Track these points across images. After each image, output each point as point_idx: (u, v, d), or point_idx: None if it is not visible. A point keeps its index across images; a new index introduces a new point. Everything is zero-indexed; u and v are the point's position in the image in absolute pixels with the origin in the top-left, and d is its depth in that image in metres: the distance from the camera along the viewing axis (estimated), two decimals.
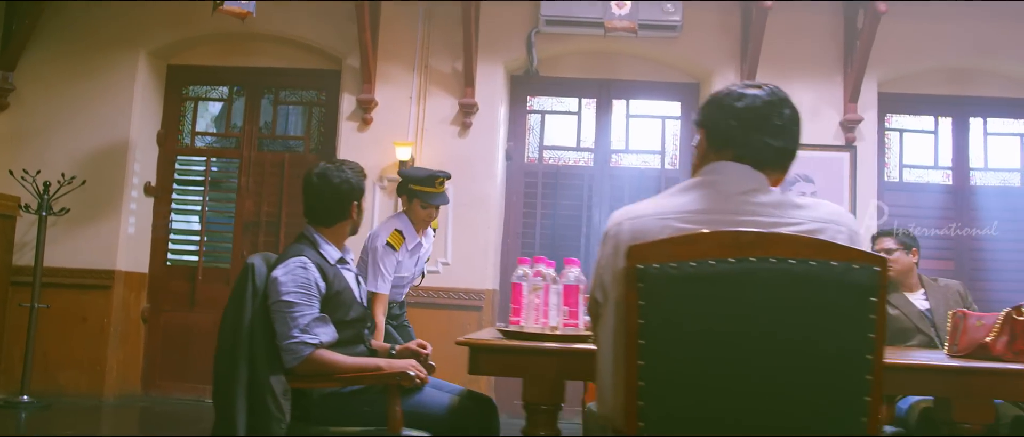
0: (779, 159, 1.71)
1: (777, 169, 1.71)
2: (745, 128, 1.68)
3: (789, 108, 1.71)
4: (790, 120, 1.71)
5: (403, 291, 4.10)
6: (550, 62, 6.27)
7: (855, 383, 1.44)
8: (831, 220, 1.60)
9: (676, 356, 1.48)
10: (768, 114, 1.68)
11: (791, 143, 1.72)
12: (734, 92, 1.72)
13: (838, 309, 1.44)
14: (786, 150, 1.71)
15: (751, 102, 1.69)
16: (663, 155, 6.31)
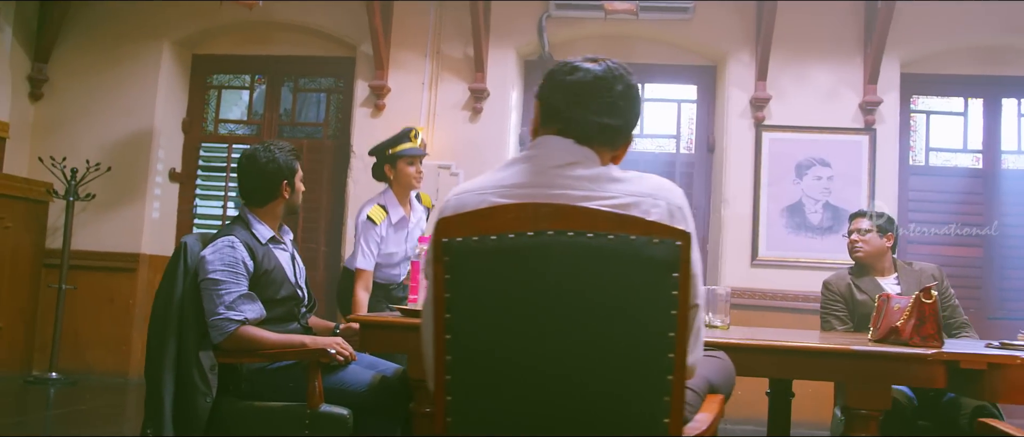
0: (606, 136, 1.67)
1: (607, 146, 1.68)
2: (570, 103, 1.66)
3: (623, 85, 1.67)
4: (622, 97, 1.67)
5: (398, 271, 4.05)
6: (564, 47, 6.23)
7: (657, 361, 1.40)
8: (648, 194, 1.56)
9: (480, 330, 1.47)
10: (597, 90, 1.65)
11: (621, 121, 1.68)
12: (567, 66, 1.70)
13: (637, 285, 1.40)
14: (613, 127, 1.67)
15: (582, 77, 1.66)
16: (678, 139, 6.21)
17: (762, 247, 5.71)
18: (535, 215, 1.42)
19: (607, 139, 1.67)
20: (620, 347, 1.41)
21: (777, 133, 5.78)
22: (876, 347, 2.04)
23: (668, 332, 1.39)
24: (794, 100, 5.80)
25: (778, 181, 5.75)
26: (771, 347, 2.07)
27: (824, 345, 2.05)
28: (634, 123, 1.72)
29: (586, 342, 1.42)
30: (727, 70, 5.91)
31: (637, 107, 1.71)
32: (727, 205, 5.78)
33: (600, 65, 1.67)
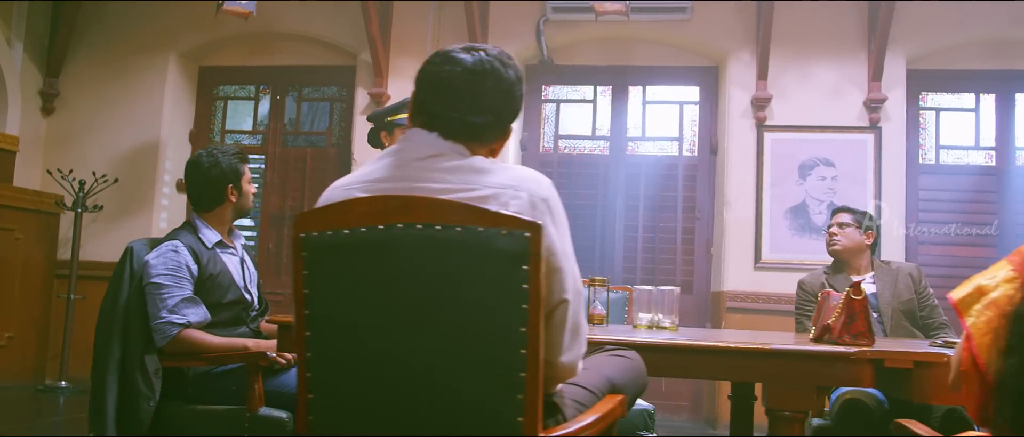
0: (473, 132, 1.62)
1: (475, 141, 1.63)
2: (436, 98, 1.61)
3: (494, 80, 1.62)
4: (491, 92, 1.62)
5: None
6: (564, 50, 6.20)
7: (509, 358, 1.36)
8: (509, 185, 1.52)
9: (337, 326, 1.45)
10: (464, 85, 1.60)
11: (489, 117, 1.63)
12: (439, 58, 1.65)
13: (486, 278, 1.36)
14: (479, 124, 1.62)
15: (450, 71, 1.61)
16: (681, 142, 6.12)
17: (765, 249, 5.60)
18: (385, 208, 1.39)
19: (474, 135, 1.62)
20: (471, 343, 1.37)
21: (779, 133, 5.67)
22: (797, 346, 1.96)
23: (519, 327, 1.35)
24: (796, 99, 5.68)
25: (781, 182, 5.63)
26: (688, 348, 2.00)
27: (743, 345, 1.97)
28: (507, 118, 1.66)
29: (438, 338, 1.38)
30: (728, 70, 5.82)
31: (511, 102, 1.65)
32: (729, 207, 5.68)
33: (473, 57, 1.62)
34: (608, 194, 6.08)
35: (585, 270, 5.85)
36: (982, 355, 1.44)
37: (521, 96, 1.69)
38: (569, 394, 1.68)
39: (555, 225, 1.53)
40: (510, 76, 1.64)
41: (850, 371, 1.90)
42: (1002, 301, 1.43)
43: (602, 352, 1.94)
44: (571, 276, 1.53)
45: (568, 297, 1.51)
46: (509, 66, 1.64)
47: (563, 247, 1.52)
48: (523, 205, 1.48)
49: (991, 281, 1.48)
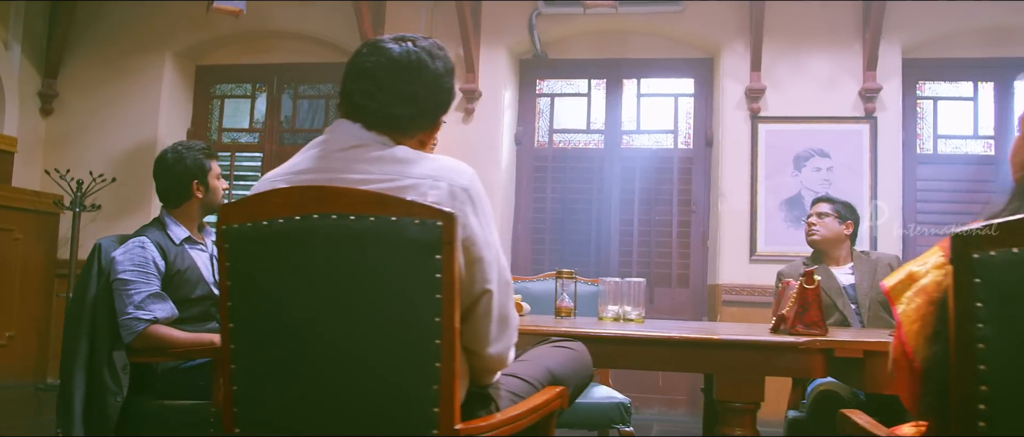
0: (396, 123, 1.61)
1: (399, 132, 1.61)
2: (360, 88, 1.60)
3: (419, 71, 1.61)
4: (416, 83, 1.61)
5: None
6: (558, 44, 6.19)
7: (424, 348, 1.35)
8: (429, 175, 1.50)
9: (259, 318, 1.44)
10: (388, 76, 1.59)
11: (413, 109, 1.61)
12: (366, 48, 1.64)
13: (400, 268, 1.36)
14: (402, 116, 1.60)
15: (375, 62, 1.61)
16: (676, 134, 6.09)
17: (760, 242, 5.56)
18: (301, 199, 1.38)
19: (397, 126, 1.61)
20: (386, 334, 1.36)
21: (774, 124, 5.63)
22: (746, 336, 1.93)
23: (433, 317, 1.34)
24: (791, 90, 5.64)
25: (776, 174, 5.59)
26: (634, 339, 1.98)
27: (690, 336, 1.94)
28: (434, 109, 1.65)
29: (353, 329, 1.37)
30: (722, 61, 5.78)
31: (438, 93, 1.64)
32: (724, 200, 5.64)
33: (400, 47, 1.61)
34: (603, 188, 6.05)
35: (582, 265, 5.86)
36: (910, 343, 1.41)
37: (451, 88, 1.67)
38: (506, 386, 1.67)
39: (477, 215, 1.51)
40: (437, 68, 1.62)
41: (800, 361, 1.87)
42: (930, 287, 1.41)
43: (546, 344, 1.92)
44: (495, 266, 1.52)
45: (491, 287, 1.50)
46: (438, 57, 1.63)
47: (485, 237, 1.51)
48: (442, 195, 1.47)
49: (922, 268, 1.46)
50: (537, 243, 6.14)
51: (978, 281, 1.25)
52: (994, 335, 1.24)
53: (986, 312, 1.25)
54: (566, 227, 6.07)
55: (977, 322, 1.25)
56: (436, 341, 1.34)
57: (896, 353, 1.44)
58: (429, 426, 1.34)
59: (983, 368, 1.24)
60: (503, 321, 1.55)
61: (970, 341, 1.25)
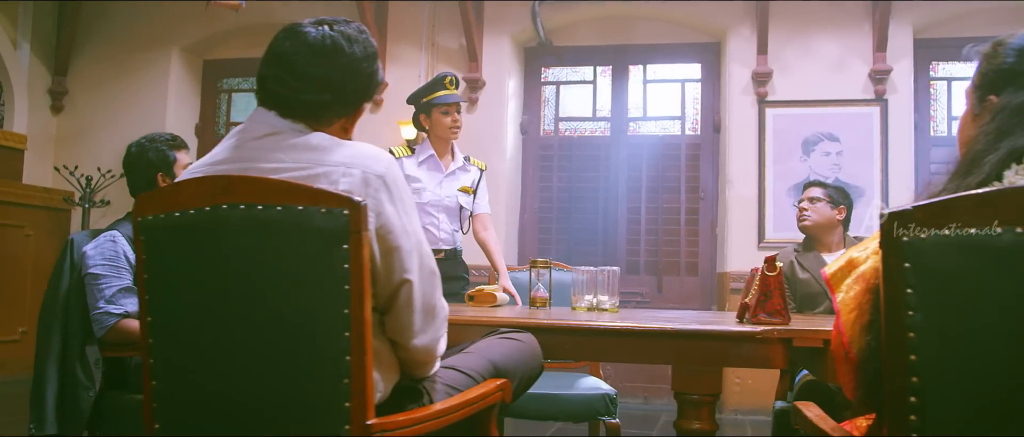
0: (309, 110, 1.54)
1: (313, 119, 1.55)
2: (273, 74, 1.55)
3: (334, 56, 1.54)
4: (333, 69, 1.54)
5: (437, 229, 3.63)
6: (563, 31, 6.11)
7: (333, 341, 1.31)
8: (342, 163, 1.45)
9: (175, 311, 1.41)
10: (303, 61, 1.53)
11: (326, 96, 1.54)
12: (285, 32, 1.59)
13: (307, 259, 1.31)
14: (314, 103, 1.54)
15: (289, 47, 1.55)
16: (683, 120, 5.99)
17: (769, 228, 5.46)
18: (211, 189, 1.34)
19: (311, 113, 1.55)
20: (295, 327, 1.32)
21: (781, 109, 5.51)
22: (702, 326, 1.86)
23: (342, 309, 1.29)
24: (798, 73, 5.52)
25: (784, 159, 5.48)
26: (586, 329, 1.92)
27: (644, 326, 1.87)
28: (352, 96, 1.59)
29: (264, 321, 1.33)
30: (728, 45, 5.67)
31: (356, 79, 1.57)
32: (731, 186, 5.54)
33: (316, 32, 1.55)
34: (610, 176, 5.98)
35: (589, 254, 5.80)
36: (847, 332, 1.35)
37: (372, 73, 1.61)
38: (444, 379, 1.63)
39: (393, 202, 1.46)
40: (355, 52, 1.56)
41: (759, 351, 1.80)
42: (868, 274, 1.34)
43: (494, 335, 1.87)
44: (415, 255, 1.47)
45: (410, 277, 1.45)
46: (356, 42, 1.57)
47: (403, 225, 1.46)
48: (355, 183, 1.42)
49: (862, 253, 1.38)
50: (544, 233, 6.08)
51: (908, 266, 1.18)
52: (925, 323, 1.17)
53: (917, 299, 1.17)
54: (573, 216, 6.01)
55: (907, 309, 1.18)
56: (345, 334, 1.29)
57: (834, 343, 1.37)
58: (341, 422, 1.30)
59: (914, 358, 1.17)
60: (428, 312, 1.50)
61: (900, 330, 1.18)
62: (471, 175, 3.79)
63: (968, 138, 1.40)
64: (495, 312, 2.32)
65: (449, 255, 3.68)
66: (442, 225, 3.67)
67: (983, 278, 1.15)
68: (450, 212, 3.68)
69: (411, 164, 3.65)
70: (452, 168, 3.71)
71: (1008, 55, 1.41)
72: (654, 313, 2.63)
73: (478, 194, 3.80)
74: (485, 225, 3.78)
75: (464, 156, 3.80)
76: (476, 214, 3.78)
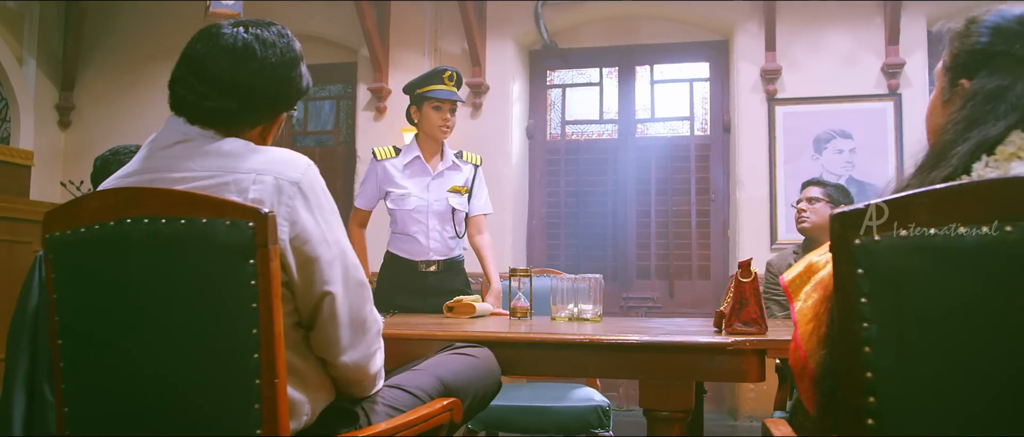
0: (218, 116, 1.44)
1: (223, 126, 1.45)
2: (182, 78, 1.46)
3: (246, 60, 1.44)
4: (244, 74, 1.44)
5: (422, 237, 3.37)
6: (567, 33, 6.01)
7: (241, 364, 1.21)
8: (253, 170, 1.35)
9: (83, 333, 1.32)
10: (214, 65, 1.44)
11: (233, 103, 1.44)
12: (200, 33, 1.49)
13: (212, 276, 1.22)
14: (223, 110, 1.44)
15: (200, 50, 1.46)
16: (692, 121, 5.86)
17: (781, 229, 5.30)
18: (115, 203, 1.26)
19: (220, 120, 1.44)
20: (203, 350, 1.22)
21: (791, 106, 5.36)
22: (669, 337, 1.74)
23: (250, 329, 1.19)
24: (808, 69, 5.37)
25: (795, 158, 5.33)
26: (548, 342, 1.80)
27: (608, 339, 1.75)
28: (265, 102, 1.48)
29: (172, 345, 1.24)
30: (736, 43, 5.53)
31: (272, 84, 1.47)
32: (742, 187, 5.40)
33: (231, 33, 1.46)
34: (619, 179, 5.85)
35: (599, 259, 5.67)
36: (804, 345, 1.22)
37: (289, 79, 1.51)
38: (385, 399, 1.52)
39: (310, 210, 1.36)
40: (269, 57, 1.46)
41: (731, 364, 1.67)
42: (827, 280, 1.22)
43: (448, 350, 1.76)
44: (338, 265, 1.37)
45: (332, 289, 1.35)
46: (272, 46, 1.47)
47: (322, 234, 1.36)
48: (266, 190, 1.32)
49: (821, 257, 1.26)
50: (552, 238, 5.96)
51: (861, 272, 1.06)
52: (882, 337, 1.05)
53: (872, 309, 1.05)
54: (581, 221, 5.89)
55: (861, 321, 1.06)
56: (254, 356, 1.20)
57: (791, 357, 1.25)
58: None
59: (870, 376, 1.05)
60: (357, 326, 1.40)
61: (855, 343, 1.06)
62: (463, 173, 3.50)
63: (936, 126, 1.27)
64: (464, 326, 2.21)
65: (445, 266, 3.42)
66: (432, 232, 3.40)
67: (945, 285, 1.03)
68: (441, 217, 3.40)
69: (395, 167, 3.40)
70: (440, 168, 3.44)
71: (982, 34, 1.28)
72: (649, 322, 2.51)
73: (474, 193, 3.50)
74: (480, 228, 3.47)
75: (455, 153, 3.54)
76: (471, 216, 3.48)
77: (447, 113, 3.37)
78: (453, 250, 3.46)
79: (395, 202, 3.38)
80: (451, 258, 3.45)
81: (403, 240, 3.41)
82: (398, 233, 3.43)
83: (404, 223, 3.38)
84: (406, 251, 3.40)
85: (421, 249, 3.39)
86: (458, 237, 3.47)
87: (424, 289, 3.36)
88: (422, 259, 3.40)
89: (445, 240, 3.42)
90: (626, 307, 5.72)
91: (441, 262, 3.41)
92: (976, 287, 1.01)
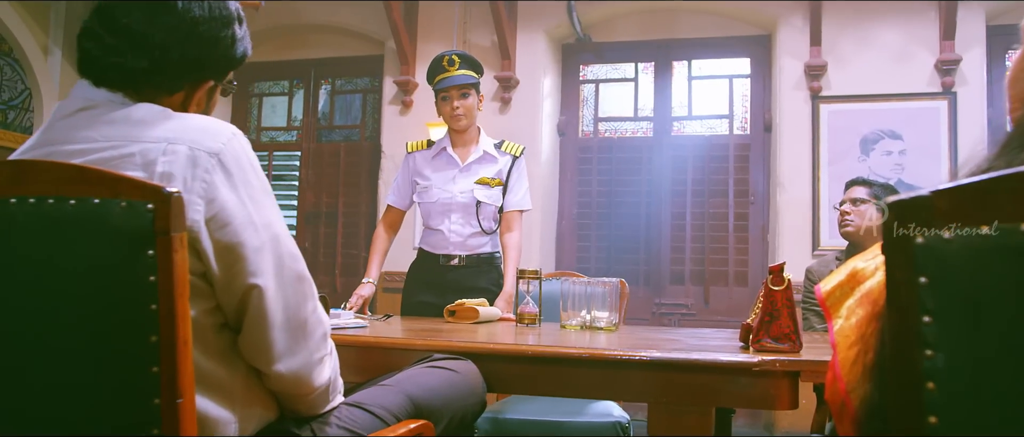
0: (129, 77, 1.22)
1: (133, 88, 1.22)
2: (89, 29, 1.24)
3: (161, 12, 1.22)
4: (159, 28, 1.22)
5: (444, 229, 3.19)
6: (602, 26, 5.75)
7: (139, 380, 0.98)
8: (165, 139, 1.12)
9: None
10: (123, 15, 1.21)
11: (144, 61, 1.22)
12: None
13: (105, 269, 0.99)
14: (136, 70, 1.21)
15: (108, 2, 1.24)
16: (731, 119, 5.56)
17: (824, 234, 4.99)
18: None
19: (131, 81, 1.22)
20: (96, 357, 1.00)
21: (837, 104, 5.04)
22: (685, 355, 1.47)
23: (149, 336, 0.96)
24: (856, 65, 5.04)
25: (840, 159, 5.01)
26: (544, 356, 1.54)
27: (613, 353, 1.48)
28: (183, 66, 1.26)
29: (61, 349, 1.02)
30: (779, 37, 5.22)
31: (188, 43, 1.24)
32: (783, 189, 5.09)
33: None
34: (653, 179, 5.57)
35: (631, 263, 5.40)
36: (844, 375, 0.96)
37: (218, 40, 1.28)
38: (342, 419, 1.29)
39: (233, 187, 1.13)
40: (194, 13, 1.23)
41: (758, 388, 1.40)
42: (877, 293, 0.95)
43: (425, 362, 1.52)
44: (268, 253, 1.13)
45: (259, 281, 1.12)
46: None
47: (248, 215, 1.12)
48: (177, 163, 1.09)
49: (870, 263, 1.00)
50: (583, 240, 5.70)
51: (924, 281, 0.80)
52: (951, 369, 0.78)
53: (938, 332, 0.79)
54: (614, 222, 5.62)
55: (923, 347, 0.79)
56: (153, 369, 0.97)
57: (828, 390, 0.99)
58: None
59: (933, 421, 0.79)
60: (295, 328, 1.16)
61: (913, 377, 0.79)
62: (497, 165, 3.27)
63: (1022, 92, 1.00)
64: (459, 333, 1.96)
65: (470, 262, 3.20)
66: (454, 227, 3.19)
67: None
68: (465, 210, 3.19)
69: (424, 159, 3.28)
70: (469, 160, 3.24)
71: None
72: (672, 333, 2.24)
73: (510, 186, 3.26)
74: (511, 225, 3.22)
75: (496, 142, 3.34)
76: (505, 211, 3.24)
77: (455, 101, 3.19)
78: (481, 245, 3.25)
79: (420, 195, 3.27)
80: (477, 254, 3.24)
81: (428, 234, 3.29)
82: (426, 227, 3.31)
83: (429, 216, 3.26)
84: (430, 245, 3.27)
85: (443, 242, 3.22)
86: (485, 232, 3.24)
87: (445, 285, 3.18)
88: (443, 252, 3.23)
89: (468, 236, 3.22)
90: (658, 314, 5.45)
91: (465, 257, 3.22)
92: None
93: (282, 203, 6.38)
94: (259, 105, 6.62)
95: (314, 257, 6.19)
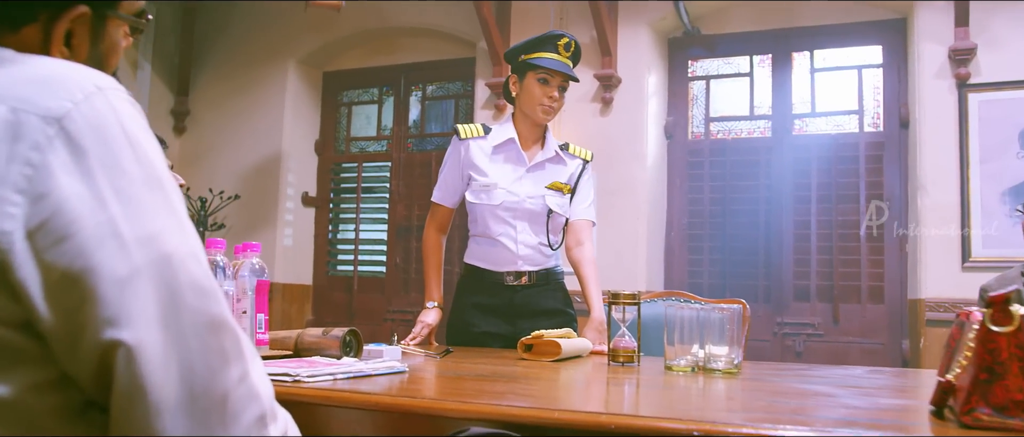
0: None
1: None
2: None
3: None
4: None
5: (511, 239, 2.72)
6: (711, 18, 5.24)
7: None
8: None
9: None
10: None
11: None
12: None
13: None
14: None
15: None
16: (861, 114, 4.94)
17: (976, 244, 4.33)
18: None
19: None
20: None
21: (989, 93, 4.37)
22: (853, 432, 0.96)
23: None
24: (1012, 47, 4.37)
25: (994, 156, 4.33)
26: (626, 432, 1.05)
27: (746, 431, 1.01)
28: None
29: None
30: (917, 20, 4.59)
31: None
32: (925, 193, 4.45)
33: None
34: (772, 185, 5.01)
35: (749, 278, 4.87)
36: None
37: None
38: None
39: (85, 175, 0.73)
40: None
41: None
42: None
43: None
44: (147, 286, 0.72)
45: (126, 336, 0.70)
46: None
47: (108, 220, 0.71)
48: None
49: None
50: (694, 253, 5.18)
51: None
52: None
53: None
54: (729, 233, 5.08)
55: None
56: None
57: None
58: None
59: None
60: (205, 410, 0.72)
61: None
62: (568, 169, 2.84)
63: None
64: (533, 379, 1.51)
65: (539, 279, 2.75)
66: (522, 237, 2.73)
67: None
68: (534, 218, 2.74)
69: (481, 149, 2.75)
70: (539, 159, 2.79)
71: None
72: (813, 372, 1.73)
73: (578, 194, 2.84)
74: (580, 238, 2.78)
75: (560, 144, 2.87)
76: (572, 221, 2.82)
77: (555, 89, 2.70)
78: (548, 259, 2.78)
79: (476, 194, 2.74)
80: (547, 269, 2.78)
81: (485, 245, 2.76)
82: (478, 236, 2.78)
83: (486, 223, 2.73)
84: (488, 260, 2.76)
85: (508, 257, 2.73)
86: (552, 248, 2.79)
87: (512, 310, 2.73)
88: (509, 269, 2.73)
89: (537, 248, 2.75)
90: (780, 335, 4.87)
91: (534, 273, 2.75)
92: None
93: (373, 217, 6.09)
94: (348, 115, 6.36)
95: (405, 274, 5.87)
